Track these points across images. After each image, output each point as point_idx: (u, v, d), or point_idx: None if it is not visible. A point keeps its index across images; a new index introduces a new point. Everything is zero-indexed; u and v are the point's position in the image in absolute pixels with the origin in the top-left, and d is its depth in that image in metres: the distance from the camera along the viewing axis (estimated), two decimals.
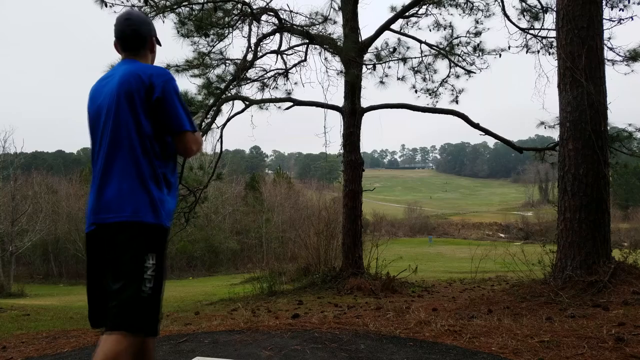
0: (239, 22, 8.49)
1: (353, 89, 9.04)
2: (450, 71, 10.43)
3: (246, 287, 10.97)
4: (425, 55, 10.32)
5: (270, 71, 9.67)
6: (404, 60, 10.26)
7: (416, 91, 10.64)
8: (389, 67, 10.29)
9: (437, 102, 10.64)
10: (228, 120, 9.14)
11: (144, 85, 1.88)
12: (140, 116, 1.88)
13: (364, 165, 9.32)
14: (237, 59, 8.91)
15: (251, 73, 9.36)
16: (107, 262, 1.87)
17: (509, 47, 9.70)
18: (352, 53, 8.60)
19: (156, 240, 1.89)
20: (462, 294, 7.85)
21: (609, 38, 7.95)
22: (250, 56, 8.25)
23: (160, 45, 2.21)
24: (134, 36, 2.05)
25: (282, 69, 9.63)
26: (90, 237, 1.92)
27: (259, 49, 8.42)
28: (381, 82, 10.11)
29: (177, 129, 1.92)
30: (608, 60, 7.72)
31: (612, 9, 7.80)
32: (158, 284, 1.89)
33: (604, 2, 6.59)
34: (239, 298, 8.82)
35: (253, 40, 8.15)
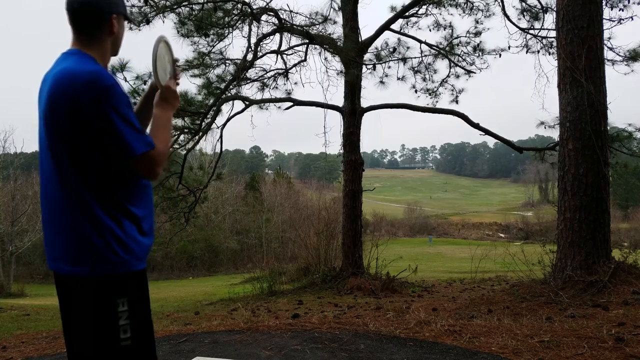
0: (239, 22, 8.49)
1: (353, 89, 9.05)
2: (450, 71, 10.44)
3: (246, 287, 10.97)
4: (425, 55, 10.33)
5: (270, 71, 9.67)
6: (404, 60, 10.26)
7: (416, 91, 10.66)
8: (389, 67, 10.30)
9: (437, 102, 10.66)
10: (228, 120, 9.15)
11: (68, 100, 1.40)
12: (69, 139, 1.42)
13: (364, 165, 9.32)
14: (237, 59, 8.91)
15: (251, 73, 9.36)
16: (70, 313, 1.52)
17: (509, 47, 9.70)
18: (352, 53, 8.60)
19: (122, 290, 1.47)
20: (462, 294, 7.85)
21: (609, 38, 7.95)
22: (250, 56, 8.25)
23: (135, 24, 1.68)
24: (83, 13, 1.52)
25: (282, 69, 9.63)
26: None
27: (259, 49, 8.42)
28: (381, 82, 10.12)
29: (125, 157, 1.43)
30: (608, 60, 7.72)
31: (612, 9, 7.80)
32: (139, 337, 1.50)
33: (604, 2, 6.59)
34: (239, 298, 8.82)
35: (253, 40, 8.15)
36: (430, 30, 10.23)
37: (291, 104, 9.55)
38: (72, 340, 1.52)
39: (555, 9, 6.14)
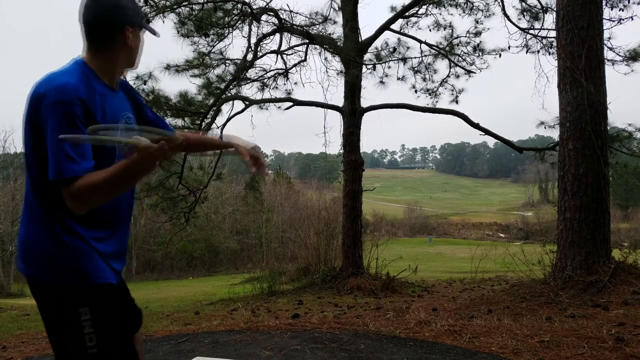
0: (239, 22, 8.49)
1: (353, 89, 9.04)
2: (450, 71, 10.43)
3: (246, 287, 10.97)
4: (425, 55, 10.33)
5: (270, 71, 9.66)
6: (404, 60, 10.26)
7: (416, 91, 10.64)
8: (389, 67, 10.30)
9: (437, 102, 10.65)
10: (228, 120, 9.14)
11: (29, 107, 1.42)
12: (29, 148, 1.44)
13: (364, 165, 9.32)
14: (237, 59, 8.91)
15: (251, 73, 9.36)
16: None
17: (509, 47, 9.70)
18: (352, 53, 8.60)
19: (82, 300, 1.43)
20: (462, 294, 7.84)
21: (609, 38, 7.95)
22: (250, 56, 8.25)
23: (156, 35, 1.67)
24: (97, 26, 1.49)
25: (282, 69, 9.62)
26: None
27: (259, 49, 8.42)
28: (381, 82, 10.11)
29: (50, 176, 1.35)
30: (608, 60, 7.72)
31: (612, 9, 7.80)
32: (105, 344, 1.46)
33: (604, 2, 6.59)
34: (239, 298, 8.82)
35: (253, 40, 8.15)
36: (430, 30, 10.24)
37: (291, 104, 9.55)
38: (50, 341, 1.55)
39: (555, 9, 6.14)
